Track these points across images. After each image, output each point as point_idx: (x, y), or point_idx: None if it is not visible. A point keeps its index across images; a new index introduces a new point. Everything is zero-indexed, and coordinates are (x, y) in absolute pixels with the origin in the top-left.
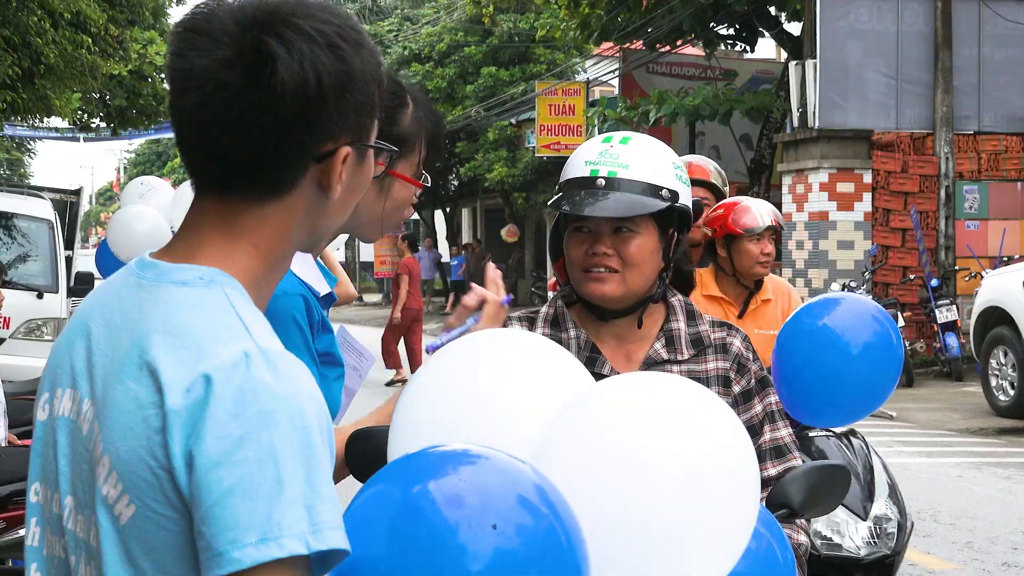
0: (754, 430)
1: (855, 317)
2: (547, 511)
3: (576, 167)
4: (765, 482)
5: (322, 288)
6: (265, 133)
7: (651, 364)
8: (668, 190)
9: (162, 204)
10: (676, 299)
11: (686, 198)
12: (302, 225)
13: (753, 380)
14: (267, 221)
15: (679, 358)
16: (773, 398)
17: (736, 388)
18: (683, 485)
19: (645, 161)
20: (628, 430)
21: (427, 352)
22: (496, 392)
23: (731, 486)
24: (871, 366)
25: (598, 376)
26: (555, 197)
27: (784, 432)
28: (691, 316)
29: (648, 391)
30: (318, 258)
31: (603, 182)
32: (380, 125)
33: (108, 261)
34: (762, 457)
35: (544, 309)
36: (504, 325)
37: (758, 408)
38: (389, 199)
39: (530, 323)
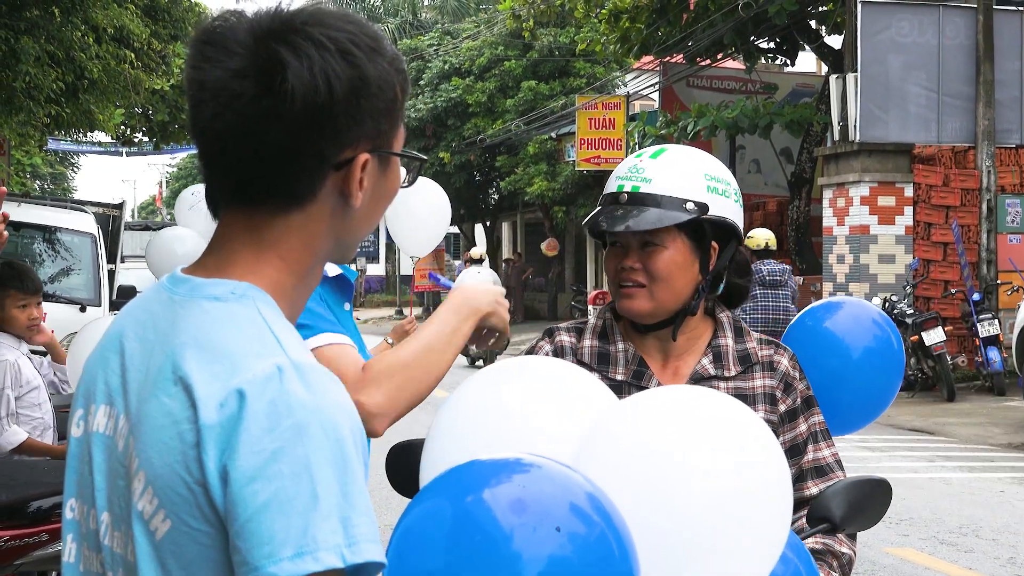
0: (797, 449)
1: (856, 321)
2: (600, 517)
3: (609, 184)
4: (807, 501)
5: (329, 269)
6: (279, 141)
7: (698, 380)
8: (694, 202)
9: (207, 216)
10: (724, 315)
11: (725, 210)
12: (328, 235)
13: (799, 399)
14: (292, 232)
15: (726, 374)
16: (818, 418)
17: (782, 407)
18: (713, 498)
19: (669, 174)
20: (658, 444)
21: (429, 279)
22: (525, 416)
23: (762, 500)
24: (872, 372)
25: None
26: (591, 214)
27: (827, 452)
28: (739, 332)
29: (679, 405)
30: None
31: (625, 197)
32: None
33: None
34: (804, 476)
35: (593, 321)
36: (552, 335)
37: (802, 427)
38: None
39: (578, 334)
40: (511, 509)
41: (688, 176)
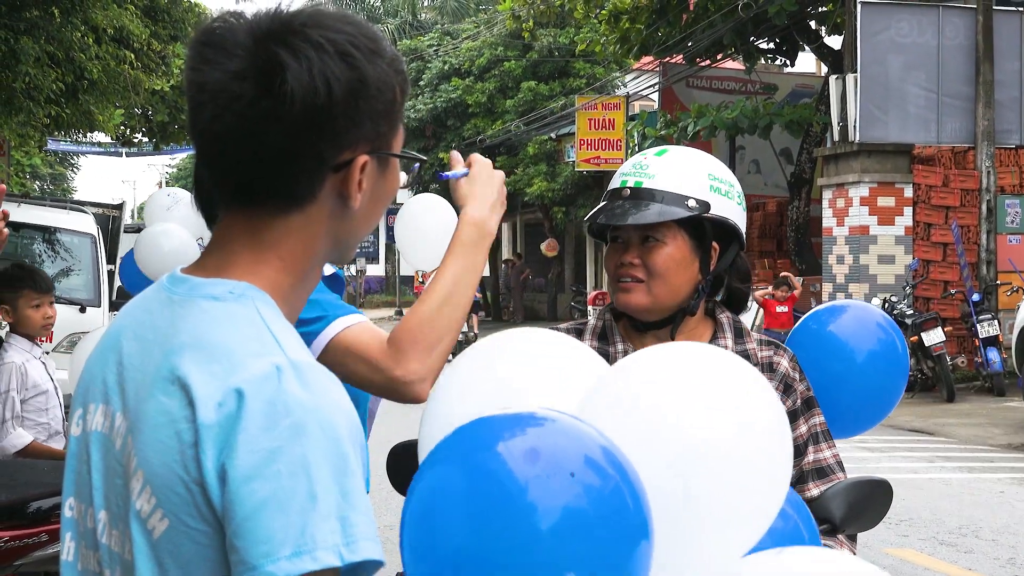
0: (798, 451)
1: (860, 325)
2: (613, 468)
3: (613, 181)
4: (808, 502)
5: (324, 269)
6: (278, 143)
7: None
8: (696, 200)
9: (188, 216)
10: (725, 316)
11: (726, 210)
12: (327, 236)
13: (799, 401)
14: (291, 233)
15: None
16: (818, 419)
17: None
18: (712, 456)
19: (673, 171)
20: (656, 402)
21: (439, 179)
22: (521, 388)
23: (761, 458)
24: (876, 375)
25: None
26: (592, 211)
27: (828, 453)
28: (739, 334)
29: (678, 362)
30: None
31: (628, 192)
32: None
33: (133, 274)
34: (804, 478)
35: (592, 321)
36: None
37: (803, 428)
38: None
39: (577, 335)
40: (524, 458)
41: (691, 174)
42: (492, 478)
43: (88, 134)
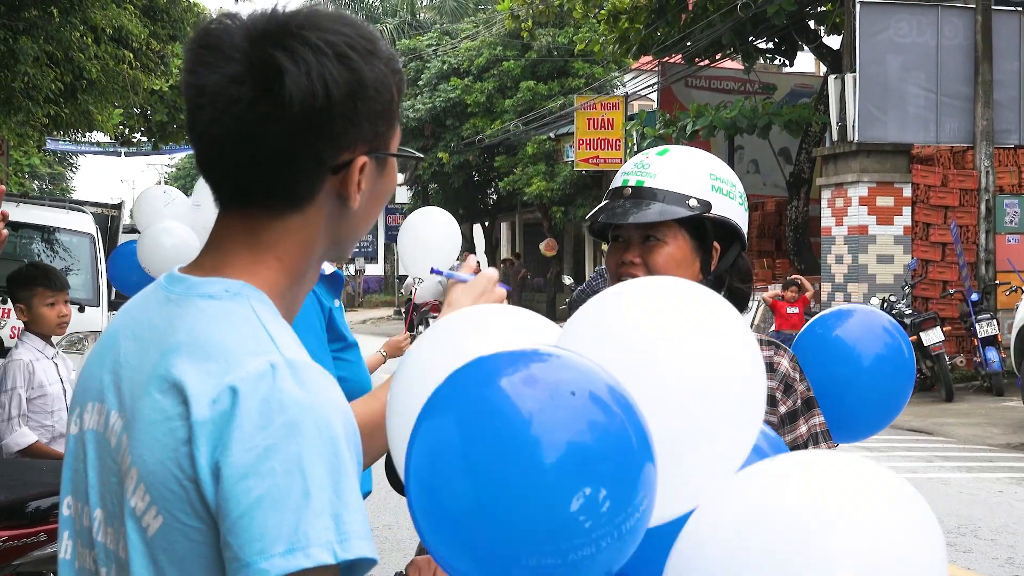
0: (798, 451)
1: (866, 329)
2: (617, 405)
3: (615, 180)
4: None
5: (325, 267)
6: (277, 145)
7: None
8: (697, 199)
9: (184, 215)
10: None
11: (728, 210)
12: (325, 236)
13: (799, 401)
14: (290, 234)
15: None
16: (818, 419)
17: (782, 408)
18: (683, 388)
19: (674, 171)
20: (630, 334)
21: (431, 273)
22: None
23: (734, 393)
24: (883, 379)
25: None
26: (594, 210)
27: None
28: None
29: (654, 295)
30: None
31: (629, 191)
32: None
33: (121, 274)
34: None
35: None
36: None
37: (803, 429)
38: None
39: None
40: (524, 382)
41: (693, 174)
42: (492, 413)
43: (87, 134)
